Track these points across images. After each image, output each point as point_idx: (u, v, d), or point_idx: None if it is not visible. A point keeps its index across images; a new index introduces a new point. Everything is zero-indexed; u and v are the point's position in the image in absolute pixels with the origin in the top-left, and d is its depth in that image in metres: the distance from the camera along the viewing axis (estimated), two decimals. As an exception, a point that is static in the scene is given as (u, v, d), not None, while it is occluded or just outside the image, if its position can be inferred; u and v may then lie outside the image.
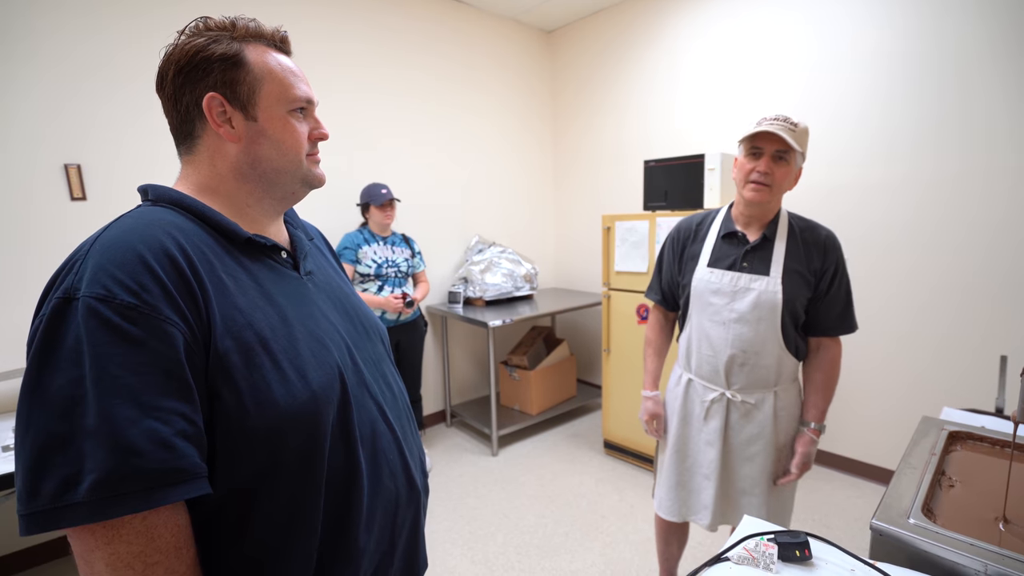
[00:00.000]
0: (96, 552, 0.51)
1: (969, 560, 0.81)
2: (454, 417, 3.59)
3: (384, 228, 2.76)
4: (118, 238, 0.57)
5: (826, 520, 2.30)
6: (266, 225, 0.74)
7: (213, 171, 0.68)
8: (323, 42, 2.80)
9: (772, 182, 1.31)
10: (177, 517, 0.55)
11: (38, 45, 2.01)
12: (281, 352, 0.62)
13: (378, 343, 0.83)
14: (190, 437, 0.54)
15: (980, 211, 2.20)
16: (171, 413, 0.53)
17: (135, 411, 0.51)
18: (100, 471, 0.49)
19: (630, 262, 2.77)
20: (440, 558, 2.14)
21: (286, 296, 0.68)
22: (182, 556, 0.55)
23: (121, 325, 0.52)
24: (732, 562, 0.90)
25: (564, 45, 3.92)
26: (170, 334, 0.54)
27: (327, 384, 0.65)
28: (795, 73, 2.67)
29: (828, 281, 1.37)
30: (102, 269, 0.53)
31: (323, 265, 0.83)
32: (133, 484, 0.50)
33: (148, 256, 0.56)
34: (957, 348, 2.31)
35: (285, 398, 0.60)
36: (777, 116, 1.30)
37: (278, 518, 0.61)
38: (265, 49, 0.69)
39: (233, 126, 0.67)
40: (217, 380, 0.57)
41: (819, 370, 1.43)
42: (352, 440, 0.68)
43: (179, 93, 0.66)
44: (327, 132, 0.76)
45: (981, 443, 1.23)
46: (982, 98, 2.15)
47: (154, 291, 0.54)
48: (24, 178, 2.02)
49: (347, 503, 0.67)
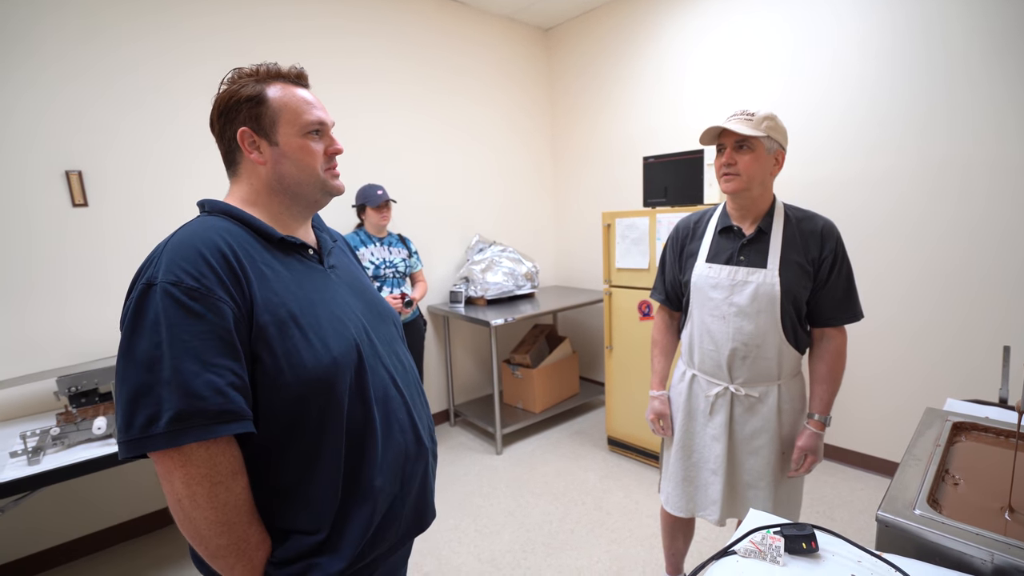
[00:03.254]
0: (175, 472, 0.68)
1: (975, 550, 0.82)
2: (458, 416, 3.59)
3: (380, 229, 2.76)
4: (183, 240, 0.74)
5: (831, 513, 2.31)
6: (296, 228, 0.90)
7: (251, 188, 0.85)
8: (320, 39, 2.81)
9: (739, 171, 1.34)
10: (232, 449, 0.72)
11: (36, 49, 2.01)
12: (308, 326, 0.78)
13: (391, 326, 0.98)
14: (239, 388, 0.71)
15: (987, 202, 2.20)
16: (225, 369, 0.70)
17: (199, 366, 0.68)
18: (174, 410, 0.66)
19: (631, 259, 2.77)
20: (447, 556, 2.15)
21: (313, 283, 0.85)
22: (238, 479, 0.73)
23: (187, 303, 0.69)
24: (739, 555, 0.90)
25: (561, 43, 3.91)
26: (223, 310, 0.71)
27: (346, 352, 0.81)
28: (797, 66, 2.67)
29: (828, 270, 1.37)
30: (173, 262, 0.71)
31: (345, 262, 0.99)
32: (198, 419, 0.67)
33: (206, 252, 0.73)
34: (960, 339, 2.31)
35: (312, 361, 0.77)
36: (736, 112, 1.35)
37: (307, 458, 0.78)
38: (284, 86, 0.85)
39: (261, 152, 0.83)
40: (258, 346, 0.74)
41: (823, 361, 1.43)
42: (367, 398, 0.83)
43: (223, 131, 0.84)
44: (340, 147, 0.90)
45: (985, 433, 1.24)
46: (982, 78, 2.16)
47: (211, 278, 0.71)
48: (25, 185, 2.02)
49: (362, 449, 0.82)
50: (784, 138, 1.37)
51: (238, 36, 2.51)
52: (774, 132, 1.33)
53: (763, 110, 1.34)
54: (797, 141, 2.62)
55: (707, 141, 1.41)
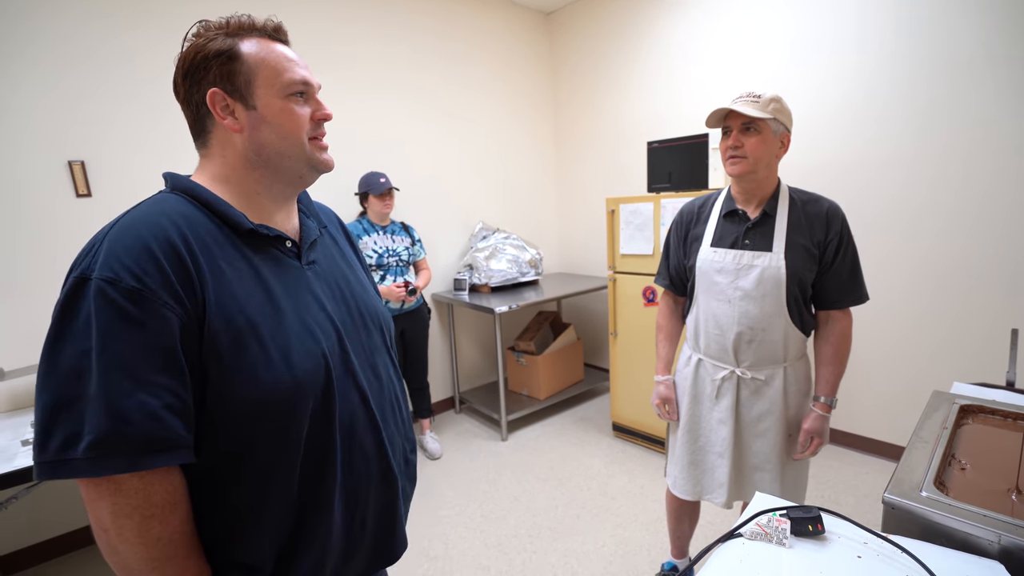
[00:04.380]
0: (100, 502, 0.59)
1: (983, 531, 0.82)
2: (463, 403, 3.61)
3: (383, 217, 2.75)
4: (129, 226, 0.63)
5: (836, 497, 2.31)
6: (275, 212, 0.77)
7: (225, 162, 0.73)
8: (319, 24, 2.78)
9: (746, 153, 1.33)
10: (171, 477, 0.63)
11: (36, 37, 1.99)
12: (269, 338, 0.68)
13: (375, 334, 0.86)
14: (178, 411, 0.61)
15: (990, 186, 2.17)
16: (162, 388, 0.60)
17: (131, 384, 0.58)
18: (96, 433, 0.56)
19: (635, 244, 2.75)
20: (453, 541, 2.17)
21: (283, 285, 0.73)
22: (176, 511, 0.63)
23: (125, 306, 0.58)
24: (745, 538, 0.90)
25: (563, 27, 3.86)
26: (167, 317, 0.60)
27: (312, 371, 0.70)
28: (802, 49, 2.63)
29: (833, 252, 1.36)
30: (113, 254, 0.60)
31: (331, 254, 0.86)
32: (123, 448, 0.57)
33: (153, 245, 0.62)
34: (964, 323, 2.30)
35: (269, 381, 0.66)
36: (742, 94, 1.33)
37: (255, 487, 0.68)
38: (259, 40, 0.72)
39: (236, 117, 0.71)
40: (209, 359, 0.63)
41: (828, 343, 1.43)
42: (331, 424, 0.73)
43: (189, 94, 0.71)
44: (329, 112, 0.78)
45: (993, 416, 1.23)
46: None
47: (156, 277, 0.60)
48: (28, 176, 2.02)
49: (320, 481, 0.73)
50: (790, 121, 1.35)
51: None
52: (780, 114, 1.31)
53: (769, 92, 1.32)
54: (801, 125, 2.59)
55: (713, 123, 1.39)
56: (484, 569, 2.01)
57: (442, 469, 2.79)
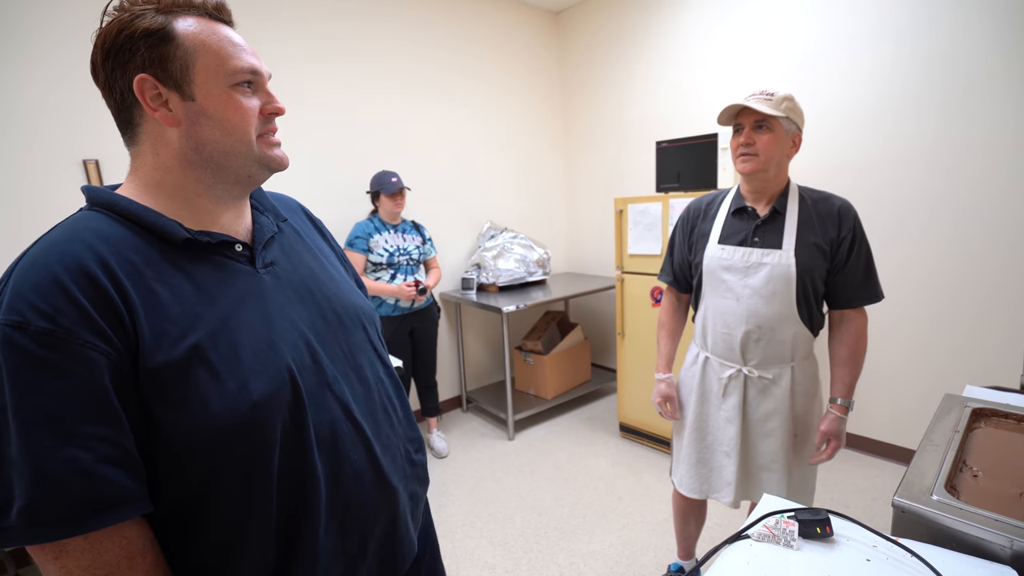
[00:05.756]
0: (48, 566, 0.53)
1: (994, 536, 0.81)
2: (470, 402, 3.62)
3: (394, 216, 2.76)
4: (36, 258, 0.55)
5: (845, 499, 2.29)
6: (220, 215, 0.68)
7: (157, 161, 0.63)
8: (327, 20, 2.79)
9: (757, 151, 1.32)
10: (123, 532, 0.55)
11: (48, 36, 2.02)
12: (220, 362, 0.59)
13: (356, 331, 0.77)
14: (116, 461, 0.53)
15: (1009, 187, 2.14)
16: (93, 439, 0.52)
17: (55, 440, 0.51)
18: (25, 499, 0.50)
19: (643, 245, 2.75)
20: (460, 540, 2.18)
21: (234, 297, 0.64)
22: (135, 566, 0.56)
23: (37, 352, 0.51)
24: (753, 539, 0.90)
25: (572, 26, 3.85)
26: (90, 358, 0.52)
27: (274, 392, 0.62)
28: (814, 49, 2.60)
29: (847, 250, 1.35)
30: (18, 294, 0.52)
31: (294, 250, 0.77)
32: (57, 512, 0.51)
33: (64, 277, 0.53)
34: (978, 327, 2.27)
35: (223, 410, 0.58)
36: (755, 91, 1.32)
37: (228, 526, 0.61)
38: (198, 19, 0.62)
39: (170, 108, 0.61)
40: (150, 398, 0.56)
41: (843, 344, 1.42)
42: (307, 444, 0.65)
43: (111, 79, 0.61)
44: (282, 106, 0.69)
45: (1006, 420, 1.21)
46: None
47: (71, 314, 0.52)
48: (43, 174, 2.05)
49: (302, 506, 0.65)
50: (802, 120, 1.34)
51: (239, 15, 2.50)
52: (792, 113, 1.31)
53: (782, 90, 1.31)
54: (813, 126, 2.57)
55: (725, 120, 1.39)
56: (490, 568, 2.01)
57: (449, 468, 2.80)
